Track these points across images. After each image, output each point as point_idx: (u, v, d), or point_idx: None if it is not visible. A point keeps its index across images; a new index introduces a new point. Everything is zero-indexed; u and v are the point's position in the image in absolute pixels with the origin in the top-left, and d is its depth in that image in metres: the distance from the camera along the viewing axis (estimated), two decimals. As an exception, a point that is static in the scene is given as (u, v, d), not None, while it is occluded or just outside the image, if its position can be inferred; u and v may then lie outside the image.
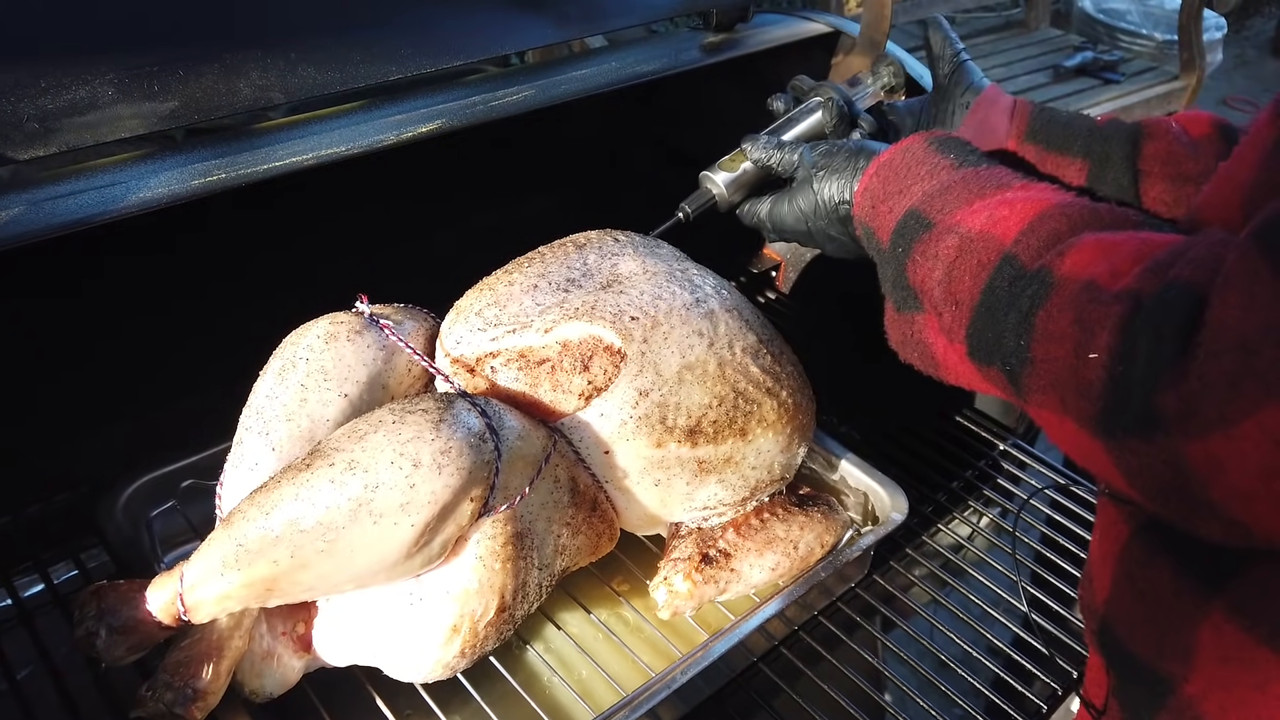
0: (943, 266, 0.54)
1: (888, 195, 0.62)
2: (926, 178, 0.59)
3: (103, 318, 0.83)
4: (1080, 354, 0.42)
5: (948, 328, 0.54)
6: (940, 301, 0.54)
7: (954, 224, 0.54)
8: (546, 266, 0.74)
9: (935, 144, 0.62)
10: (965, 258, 0.52)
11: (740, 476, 0.72)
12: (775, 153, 0.73)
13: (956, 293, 0.52)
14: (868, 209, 0.64)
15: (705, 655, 0.68)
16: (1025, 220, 0.50)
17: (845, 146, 0.69)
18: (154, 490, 0.82)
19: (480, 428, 0.60)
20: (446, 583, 0.61)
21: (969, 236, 0.53)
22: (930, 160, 0.61)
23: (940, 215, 0.56)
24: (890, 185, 0.62)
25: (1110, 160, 0.68)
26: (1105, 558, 0.59)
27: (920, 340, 0.60)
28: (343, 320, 0.68)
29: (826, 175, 0.68)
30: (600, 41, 1.11)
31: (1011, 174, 0.57)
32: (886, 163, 0.63)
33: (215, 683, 0.59)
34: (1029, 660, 0.77)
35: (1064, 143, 0.70)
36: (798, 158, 0.71)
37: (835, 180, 0.68)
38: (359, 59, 0.79)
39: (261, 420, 0.64)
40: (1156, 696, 0.51)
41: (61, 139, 0.66)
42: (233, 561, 0.56)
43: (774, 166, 0.74)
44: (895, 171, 0.62)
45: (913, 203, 0.59)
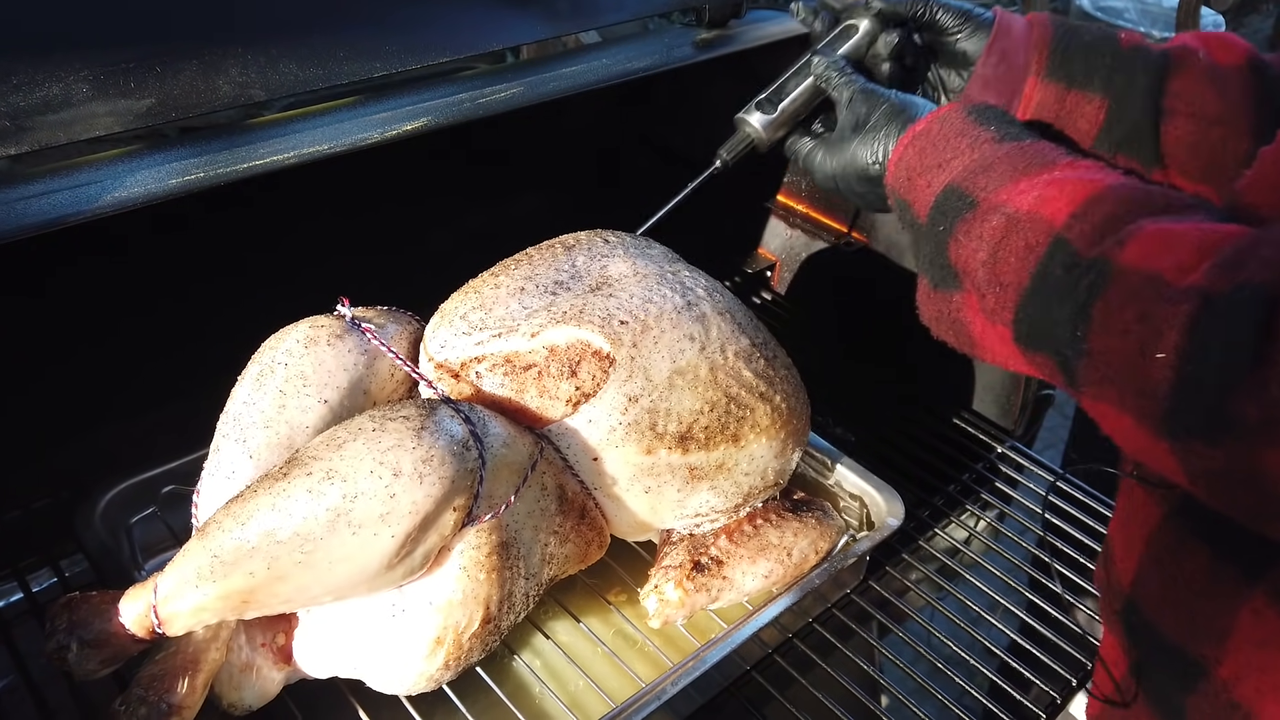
0: (987, 247, 0.52)
1: (925, 168, 0.59)
2: (967, 151, 0.57)
3: (81, 320, 0.81)
4: (1145, 352, 0.41)
5: (990, 309, 0.53)
6: (983, 282, 0.53)
7: (999, 203, 0.52)
8: (534, 268, 0.72)
9: (974, 114, 0.59)
10: (1012, 239, 0.50)
11: (733, 483, 0.70)
12: (835, 74, 0.70)
13: (1002, 274, 0.51)
14: (902, 180, 0.62)
15: (697, 665, 0.66)
16: (1076, 202, 0.48)
17: (885, 102, 0.66)
18: (134, 496, 0.80)
19: (464, 435, 0.58)
20: (429, 594, 0.59)
21: (1016, 217, 0.51)
22: (970, 132, 0.58)
23: (984, 193, 0.54)
24: (927, 158, 0.60)
25: (1132, 97, 0.66)
26: (1133, 539, 0.58)
27: (957, 319, 0.58)
28: (323, 324, 0.67)
29: (861, 135, 0.66)
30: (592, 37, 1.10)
31: (1056, 149, 0.55)
32: (923, 132, 0.61)
33: (191, 697, 0.57)
34: (1026, 667, 0.76)
35: (1085, 78, 0.67)
36: (848, 96, 0.68)
37: (870, 142, 0.65)
38: (343, 55, 0.77)
39: (239, 427, 0.62)
40: (1188, 679, 0.51)
41: (34, 137, 0.64)
42: (208, 573, 0.54)
43: (827, 89, 0.71)
44: (932, 142, 0.60)
45: (952, 178, 0.57)
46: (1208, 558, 0.49)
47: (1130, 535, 0.58)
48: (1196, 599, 0.50)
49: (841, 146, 0.67)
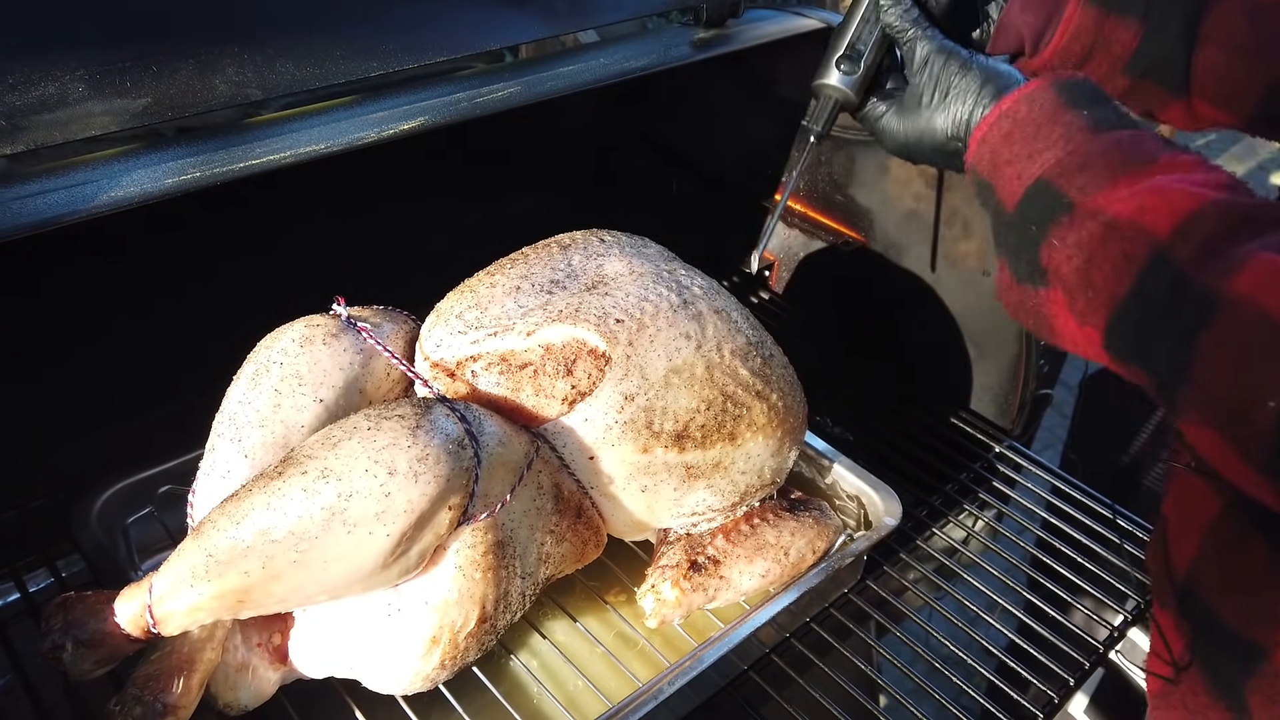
0: (1083, 254, 0.51)
1: (1014, 156, 0.58)
2: (1060, 142, 0.56)
3: (77, 320, 0.81)
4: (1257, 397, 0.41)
5: (1080, 311, 0.52)
6: (1074, 286, 0.52)
7: (1097, 208, 0.51)
8: (530, 267, 0.72)
9: (1065, 95, 0.58)
10: (1109, 246, 0.50)
11: (729, 482, 0.70)
12: (909, 26, 0.66)
13: (1096, 280, 0.50)
14: (986, 161, 0.60)
15: (694, 665, 0.66)
16: (1179, 216, 0.48)
17: (967, 68, 0.63)
18: (131, 496, 0.80)
19: (459, 434, 0.58)
20: (425, 593, 0.59)
21: (1115, 224, 0.50)
22: (1062, 118, 0.56)
23: (1080, 195, 0.53)
24: (1016, 145, 0.58)
25: (1170, 23, 0.65)
26: (1189, 528, 0.59)
27: (1041, 312, 0.57)
28: (319, 323, 0.67)
29: (940, 102, 0.63)
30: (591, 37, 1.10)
31: (1155, 142, 0.54)
32: (1009, 113, 0.59)
33: (186, 697, 0.57)
34: (1024, 666, 0.76)
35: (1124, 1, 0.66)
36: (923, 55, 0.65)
37: (950, 113, 0.63)
38: (340, 55, 0.77)
39: (234, 426, 0.62)
40: (1247, 662, 0.52)
41: (30, 136, 0.64)
42: (203, 573, 0.54)
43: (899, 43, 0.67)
44: (1020, 126, 0.58)
45: (1044, 171, 0.55)
46: (1267, 550, 0.50)
47: (1186, 524, 0.58)
48: (1257, 587, 0.51)
49: (917, 113, 0.65)
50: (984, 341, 1.07)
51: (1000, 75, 0.63)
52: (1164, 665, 0.63)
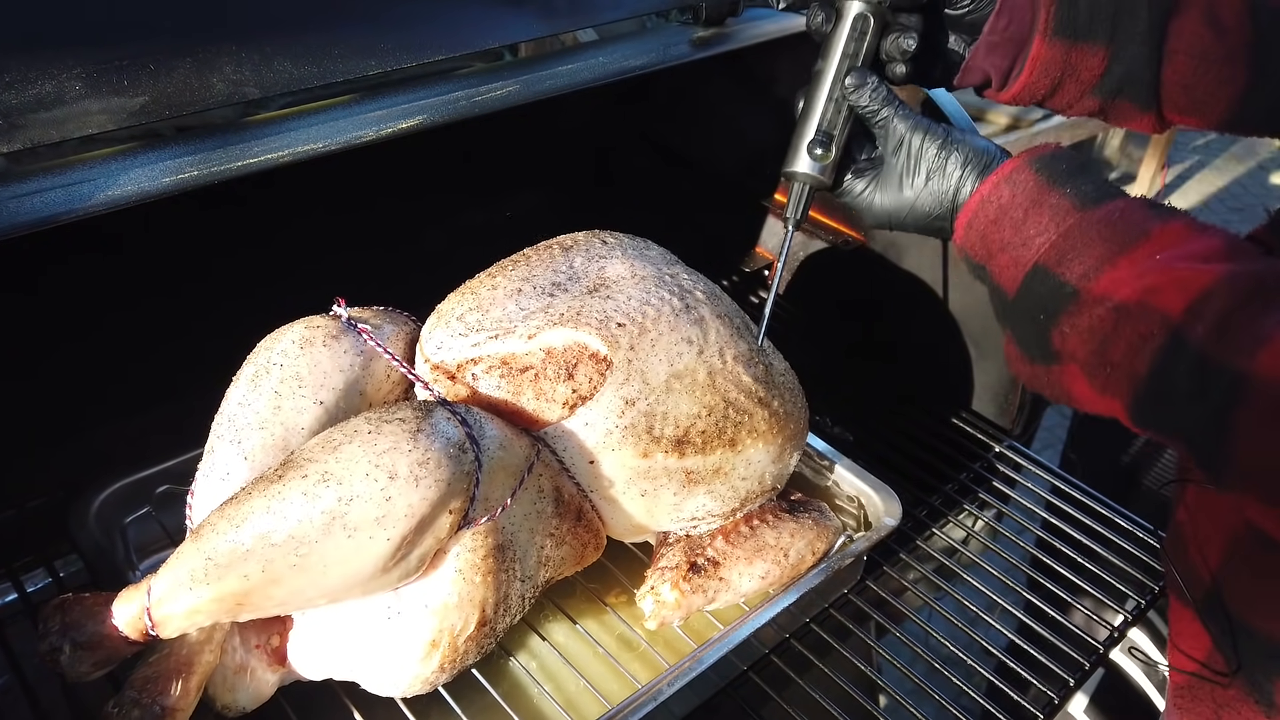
0: (1096, 338, 0.52)
1: (1005, 243, 0.58)
2: (1050, 226, 0.56)
3: (75, 320, 0.81)
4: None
5: (1101, 385, 0.53)
6: (1092, 366, 0.53)
7: (1102, 294, 0.52)
8: (531, 269, 0.72)
9: (1044, 172, 0.58)
10: (1122, 329, 0.51)
11: (730, 487, 0.70)
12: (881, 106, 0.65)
13: (1112, 359, 0.51)
14: (976, 246, 0.61)
15: (694, 666, 0.66)
16: (1188, 296, 0.48)
17: (943, 144, 0.63)
18: (129, 496, 0.80)
19: (460, 437, 0.58)
20: (425, 596, 0.59)
21: (1124, 309, 0.51)
22: (1048, 200, 0.57)
23: (1082, 281, 0.53)
24: (1005, 230, 0.58)
25: (1134, 42, 0.65)
26: (1211, 537, 0.60)
27: (1058, 384, 0.58)
28: (319, 324, 0.66)
29: (920, 181, 0.63)
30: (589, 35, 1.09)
31: (1143, 212, 0.54)
32: (992, 198, 0.59)
33: (184, 699, 0.57)
34: (1024, 667, 0.76)
35: (1090, 27, 0.66)
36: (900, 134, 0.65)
37: (930, 190, 0.63)
38: (338, 53, 0.77)
39: (234, 428, 0.62)
40: (1277, 662, 0.54)
41: (26, 135, 0.64)
42: (201, 576, 0.54)
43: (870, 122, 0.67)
44: (1005, 211, 0.58)
45: (1040, 257, 0.56)
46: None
47: (1208, 533, 0.59)
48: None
49: (897, 191, 0.65)
50: (984, 341, 1.06)
51: (979, 152, 0.63)
52: (1187, 661, 0.64)
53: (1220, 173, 3.73)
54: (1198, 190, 3.61)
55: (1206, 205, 3.52)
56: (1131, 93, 0.68)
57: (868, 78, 0.67)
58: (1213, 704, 0.64)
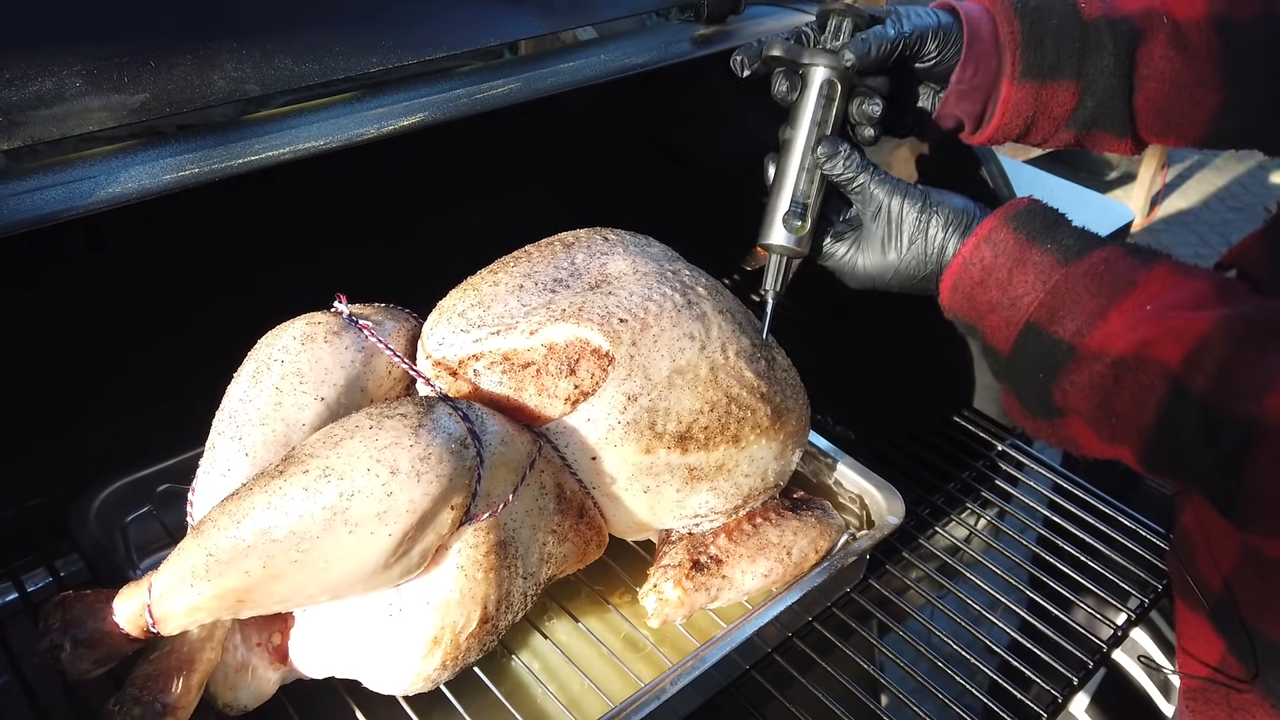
0: (1098, 393, 0.53)
1: (992, 304, 0.58)
2: (1036, 284, 0.56)
3: (75, 318, 0.81)
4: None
5: (1108, 436, 0.54)
6: (1097, 419, 0.53)
7: (1099, 349, 0.52)
8: (533, 266, 0.72)
9: (1022, 230, 0.58)
10: (1124, 382, 0.51)
11: (733, 484, 0.70)
12: (856, 174, 0.65)
13: (1117, 410, 0.52)
14: (964, 308, 0.61)
15: (696, 664, 0.66)
16: (1185, 346, 0.49)
17: (922, 207, 0.63)
18: (129, 495, 0.80)
19: (461, 433, 0.58)
20: (427, 593, 0.59)
21: (1122, 363, 0.51)
22: (1030, 257, 0.57)
23: (1077, 338, 0.53)
24: (991, 291, 0.58)
25: (1103, 76, 0.66)
26: (1223, 547, 0.60)
27: (1064, 436, 0.58)
28: (320, 321, 0.66)
29: (902, 244, 0.64)
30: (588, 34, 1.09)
31: (1128, 261, 0.54)
32: (974, 259, 0.60)
33: (186, 697, 0.57)
34: (1027, 665, 0.76)
35: (1057, 67, 0.66)
36: (877, 202, 0.65)
37: (913, 252, 0.63)
38: (339, 50, 0.77)
39: (234, 425, 0.61)
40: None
41: (26, 132, 0.64)
42: (202, 572, 0.54)
43: (846, 190, 0.67)
44: (989, 272, 0.59)
45: (1029, 315, 0.56)
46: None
47: (1219, 543, 0.59)
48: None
49: (880, 254, 0.65)
50: (986, 340, 1.06)
51: (959, 212, 0.63)
52: (1198, 666, 0.64)
53: (1220, 172, 3.73)
54: (1198, 189, 3.62)
55: (1206, 204, 3.52)
56: (1106, 123, 0.68)
57: (839, 145, 0.67)
58: (1227, 708, 0.64)
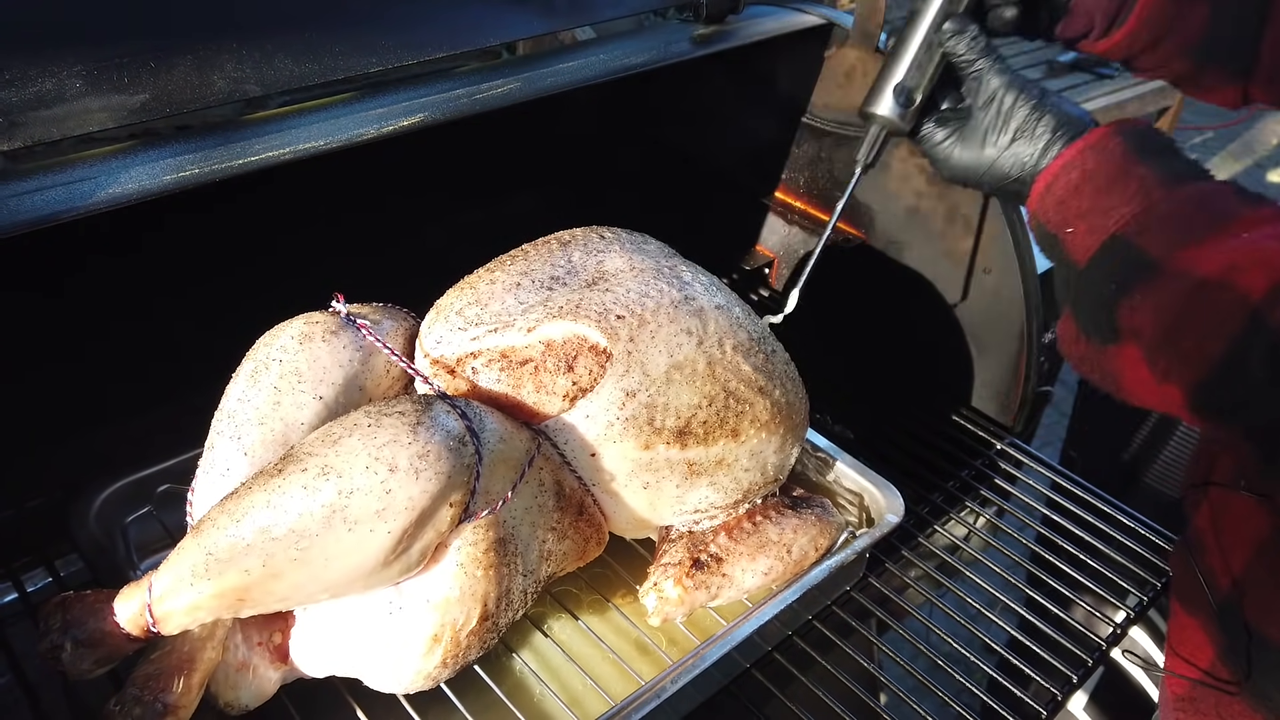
0: (1168, 315, 0.50)
1: (1085, 210, 0.56)
2: (1136, 197, 0.54)
3: (74, 319, 0.81)
4: None
5: (1163, 370, 0.51)
6: (1157, 346, 0.51)
7: (1183, 269, 0.50)
8: (530, 264, 0.72)
9: (1135, 144, 0.56)
10: (1197, 307, 0.49)
11: (732, 479, 0.70)
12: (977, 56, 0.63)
13: (1183, 343, 0.50)
14: (1052, 212, 0.58)
15: (697, 663, 0.66)
16: (1273, 277, 0.46)
17: (1035, 105, 0.61)
18: (129, 495, 0.80)
19: (460, 430, 0.58)
20: (426, 591, 0.59)
21: (1203, 285, 0.49)
22: (1135, 171, 0.55)
23: (1164, 253, 0.51)
24: (1085, 198, 0.56)
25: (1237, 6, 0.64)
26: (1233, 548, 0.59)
27: (1109, 369, 0.56)
28: (318, 320, 0.66)
29: (1006, 140, 0.61)
30: (587, 34, 1.09)
31: (1234, 197, 0.52)
32: (1075, 163, 0.57)
33: (187, 696, 0.57)
34: (1026, 663, 0.76)
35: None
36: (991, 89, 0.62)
37: (1014, 150, 0.61)
38: (339, 51, 0.77)
39: (233, 424, 0.62)
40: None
41: (27, 133, 0.64)
42: (202, 571, 0.54)
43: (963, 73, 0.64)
44: (1090, 178, 0.57)
45: (1120, 226, 0.54)
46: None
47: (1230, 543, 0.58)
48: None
49: (979, 146, 0.63)
50: (985, 338, 1.06)
51: (1071, 119, 0.61)
52: (1188, 668, 0.63)
53: (1218, 170, 3.72)
54: (1197, 190, 3.61)
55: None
56: (1226, 59, 0.66)
57: (968, 25, 0.64)
58: (1216, 714, 0.63)
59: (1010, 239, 0.99)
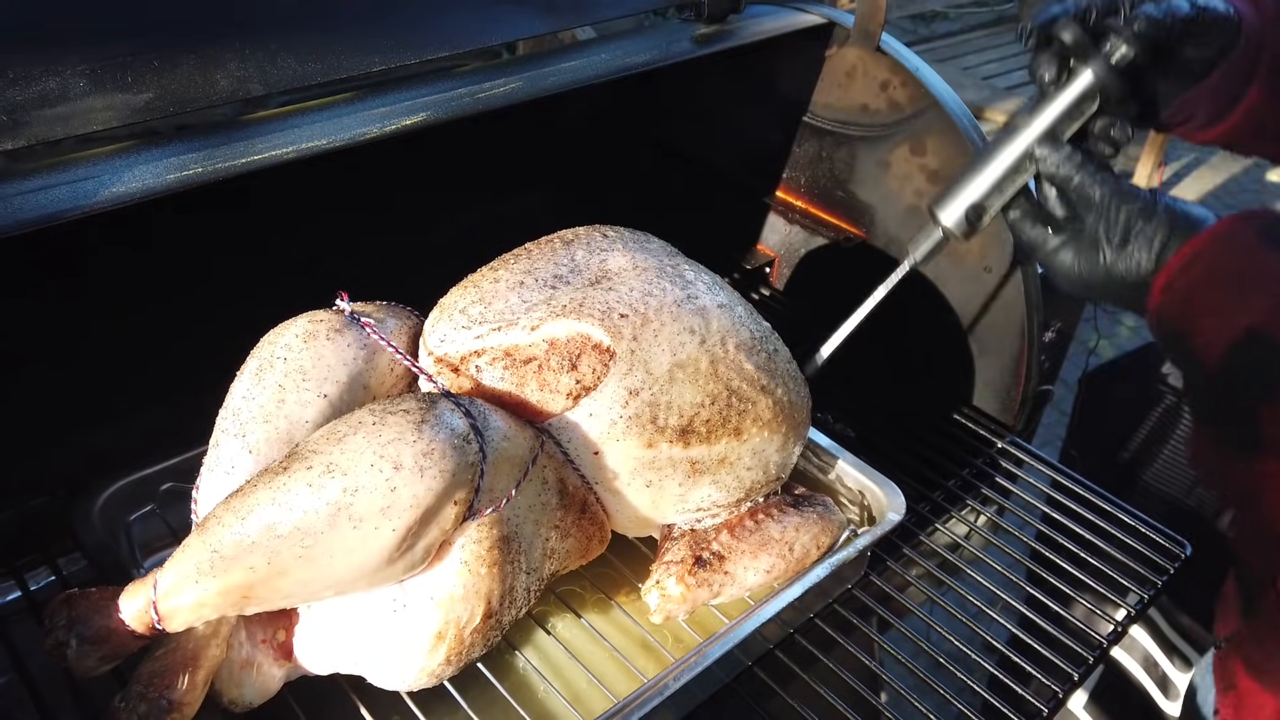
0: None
1: (1214, 306, 0.53)
2: (1272, 289, 0.51)
3: (78, 317, 0.81)
4: None
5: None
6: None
7: None
8: (533, 263, 0.72)
9: (1263, 235, 0.53)
10: None
11: (735, 477, 0.70)
12: (1076, 173, 0.61)
13: None
14: (1175, 311, 0.55)
15: (699, 660, 0.66)
16: None
17: (1145, 206, 0.59)
18: (133, 493, 0.80)
19: (464, 429, 0.58)
20: (430, 588, 0.59)
21: None
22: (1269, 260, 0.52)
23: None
24: (1215, 291, 0.53)
25: None
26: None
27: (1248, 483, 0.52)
28: (322, 318, 0.67)
29: (1120, 245, 0.59)
30: (587, 34, 1.10)
31: None
32: (1201, 257, 0.54)
33: (191, 693, 0.57)
34: (1027, 660, 0.76)
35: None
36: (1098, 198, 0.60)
37: (1130, 255, 0.58)
38: (341, 50, 0.77)
39: (238, 422, 0.62)
40: None
41: (31, 131, 0.64)
42: (208, 568, 0.54)
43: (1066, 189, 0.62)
44: (1217, 272, 0.53)
45: (1257, 321, 0.50)
46: None
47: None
48: None
49: (1094, 254, 0.60)
50: (986, 337, 1.07)
51: (1188, 216, 0.58)
52: None
53: (1217, 170, 3.73)
54: (1194, 188, 3.62)
55: (1203, 203, 3.51)
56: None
57: (1061, 146, 0.63)
58: None
59: (1011, 238, 1.00)
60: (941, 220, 0.69)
